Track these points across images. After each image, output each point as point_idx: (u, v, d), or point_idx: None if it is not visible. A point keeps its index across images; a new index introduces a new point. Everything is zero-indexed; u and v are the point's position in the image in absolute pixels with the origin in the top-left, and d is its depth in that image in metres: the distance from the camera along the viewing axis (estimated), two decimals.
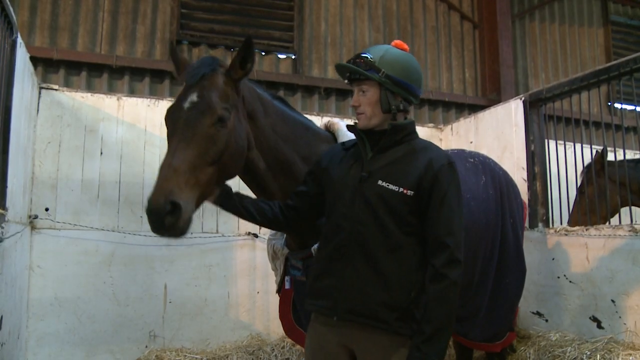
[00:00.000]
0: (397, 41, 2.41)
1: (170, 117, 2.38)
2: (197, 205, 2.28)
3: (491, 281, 3.56)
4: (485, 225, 3.44)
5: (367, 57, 2.29)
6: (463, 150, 3.90)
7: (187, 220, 2.14)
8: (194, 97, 2.35)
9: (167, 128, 2.38)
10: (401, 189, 2.19)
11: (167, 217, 2.06)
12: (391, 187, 2.20)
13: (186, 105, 2.34)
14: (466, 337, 3.60)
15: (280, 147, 2.77)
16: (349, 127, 2.43)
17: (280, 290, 3.27)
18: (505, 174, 3.85)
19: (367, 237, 2.20)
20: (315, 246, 2.70)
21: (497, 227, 3.54)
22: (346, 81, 2.39)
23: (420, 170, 2.20)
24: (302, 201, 2.57)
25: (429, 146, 2.34)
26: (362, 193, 2.24)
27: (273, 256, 3.33)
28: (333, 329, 2.26)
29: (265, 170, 2.74)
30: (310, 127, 3.09)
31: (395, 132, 2.29)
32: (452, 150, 3.89)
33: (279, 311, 3.35)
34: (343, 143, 2.59)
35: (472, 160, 3.71)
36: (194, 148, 2.23)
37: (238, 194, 2.55)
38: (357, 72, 2.29)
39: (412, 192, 2.18)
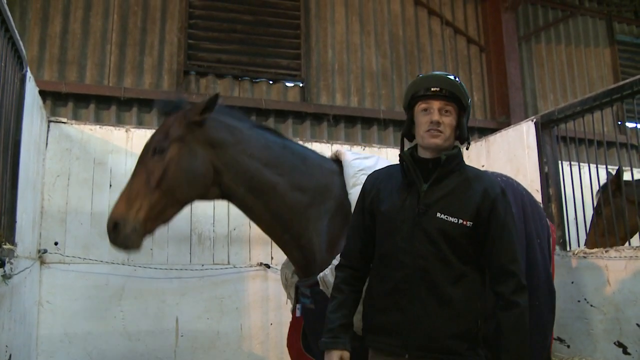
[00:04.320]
0: None
1: None
2: (150, 223, 2.70)
3: None
4: None
5: (458, 81, 2.27)
6: (485, 172, 3.80)
7: (125, 235, 2.61)
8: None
9: None
10: (460, 221, 2.18)
11: (110, 234, 2.64)
12: (450, 219, 2.18)
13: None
14: None
15: (260, 172, 2.92)
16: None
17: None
18: (528, 194, 3.75)
19: (430, 271, 2.17)
20: (322, 274, 2.79)
21: (522, 247, 3.44)
22: (423, 92, 2.26)
23: (477, 200, 2.21)
24: (367, 243, 2.42)
25: (481, 175, 2.35)
26: (421, 226, 2.21)
27: (285, 284, 3.40)
28: None
29: (244, 193, 2.93)
30: (309, 157, 3.14)
31: (449, 162, 2.26)
32: None
33: (287, 340, 3.41)
34: (388, 168, 2.52)
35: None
36: (138, 177, 2.76)
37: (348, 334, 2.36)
38: (459, 91, 2.27)
39: (471, 223, 2.18)
